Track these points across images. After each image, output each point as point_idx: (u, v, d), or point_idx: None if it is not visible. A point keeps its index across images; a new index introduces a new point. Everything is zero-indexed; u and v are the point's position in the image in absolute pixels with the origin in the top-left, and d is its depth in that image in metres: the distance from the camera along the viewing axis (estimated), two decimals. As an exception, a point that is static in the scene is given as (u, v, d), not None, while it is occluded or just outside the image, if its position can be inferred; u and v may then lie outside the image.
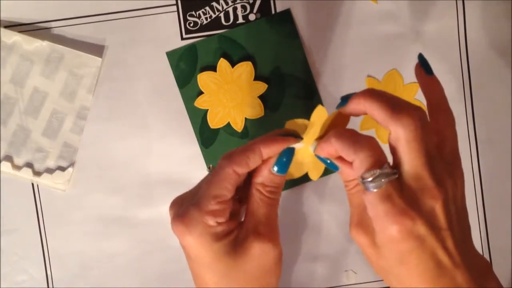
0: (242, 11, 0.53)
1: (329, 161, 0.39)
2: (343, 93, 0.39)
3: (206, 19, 0.53)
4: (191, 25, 0.54)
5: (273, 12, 0.53)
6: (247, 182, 0.41)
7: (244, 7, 0.53)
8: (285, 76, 0.54)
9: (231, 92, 0.53)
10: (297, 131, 0.40)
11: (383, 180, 0.34)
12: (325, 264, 0.55)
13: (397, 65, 0.54)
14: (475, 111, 0.55)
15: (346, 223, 0.54)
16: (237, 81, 0.53)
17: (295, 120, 0.40)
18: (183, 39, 0.54)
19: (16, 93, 0.53)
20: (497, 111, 0.55)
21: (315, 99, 0.54)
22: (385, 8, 0.54)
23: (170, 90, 0.54)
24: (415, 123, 0.35)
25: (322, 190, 0.54)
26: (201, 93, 0.53)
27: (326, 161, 0.39)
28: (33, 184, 0.53)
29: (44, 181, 0.53)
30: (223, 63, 0.53)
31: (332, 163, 0.39)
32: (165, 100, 0.54)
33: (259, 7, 0.53)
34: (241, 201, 0.42)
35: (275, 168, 0.40)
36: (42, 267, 0.54)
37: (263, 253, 0.39)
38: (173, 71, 0.53)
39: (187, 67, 0.53)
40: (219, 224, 0.38)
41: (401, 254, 0.35)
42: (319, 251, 0.55)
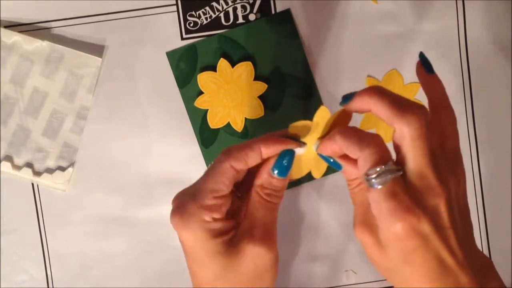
0: (242, 11, 0.53)
1: (332, 160, 0.39)
2: (343, 93, 0.39)
3: (206, 19, 0.53)
4: (191, 25, 0.54)
5: (273, 12, 0.53)
6: (250, 182, 0.41)
7: (244, 7, 0.53)
8: (285, 76, 0.54)
9: (231, 92, 0.53)
10: (299, 135, 0.40)
11: (387, 177, 0.34)
12: (325, 264, 0.55)
13: (397, 65, 0.54)
14: (475, 111, 0.55)
15: (346, 223, 0.55)
16: (237, 81, 0.53)
17: (298, 122, 0.39)
18: (183, 39, 0.54)
19: (16, 93, 0.53)
20: (497, 111, 0.55)
21: (315, 99, 0.54)
22: (385, 8, 0.54)
23: (170, 90, 0.54)
24: (420, 122, 0.34)
25: (322, 190, 0.54)
26: (201, 93, 0.53)
27: (329, 160, 0.39)
28: (33, 184, 0.53)
29: (44, 181, 0.53)
30: (223, 63, 0.53)
31: (335, 162, 0.39)
32: (165, 100, 0.54)
33: (259, 7, 0.53)
34: (243, 201, 0.42)
35: (275, 170, 0.39)
36: (42, 267, 0.54)
37: (256, 256, 0.38)
38: (173, 71, 0.53)
39: (187, 67, 0.53)
40: (215, 220, 0.38)
41: (405, 252, 0.35)
42: (319, 251, 0.55)
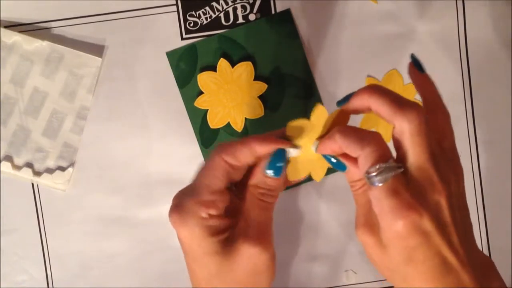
0: (242, 11, 0.53)
1: (335, 161, 0.38)
2: (343, 93, 0.39)
3: (206, 19, 0.53)
4: (191, 25, 0.54)
5: (273, 12, 0.53)
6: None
7: (244, 7, 0.53)
8: (285, 76, 0.54)
9: (231, 92, 0.53)
10: (296, 135, 0.39)
11: (388, 174, 0.34)
12: (325, 264, 0.55)
13: (397, 65, 0.54)
14: (475, 111, 0.55)
15: (346, 223, 0.55)
16: (237, 81, 0.53)
17: (296, 121, 0.39)
18: (183, 39, 0.54)
19: (16, 93, 0.53)
20: (497, 111, 0.55)
21: (315, 99, 0.54)
22: (385, 8, 0.54)
23: (170, 90, 0.54)
24: (419, 118, 0.35)
25: (322, 189, 0.54)
26: (201, 93, 0.53)
27: (332, 161, 0.38)
28: (33, 184, 0.53)
29: (44, 181, 0.53)
30: (223, 63, 0.53)
31: (339, 163, 0.38)
32: (165, 100, 0.54)
33: (259, 7, 0.53)
34: (242, 200, 0.41)
35: (268, 170, 0.39)
36: (42, 267, 0.54)
37: (252, 256, 0.38)
38: (173, 71, 0.53)
39: (187, 67, 0.53)
40: (211, 217, 0.38)
41: (407, 250, 0.34)
42: (319, 251, 0.55)
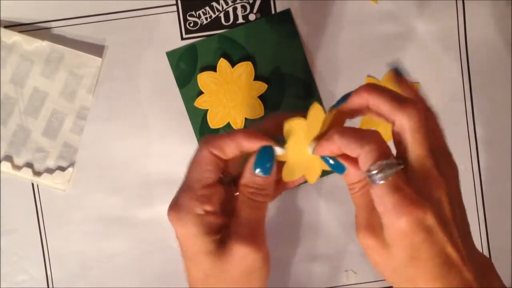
0: (242, 11, 0.53)
1: (333, 162, 0.38)
2: (343, 93, 0.39)
3: (206, 19, 0.53)
4: (191, 25, 0.54)
5: (273, 12, 0.53)
6: None
7: (244, 7, 0.53)
8: (285, 76, 0.54)
9: (231, 92, 0.53)
10: (289, 136, 0.39)
11: (390, 171, 0.34)
12: (325, 264, 0.55)
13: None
14: (475, 111, 0.55)
15: (346, 222, 0.55)
16: (237, 81, 0.53)
17: (293, 120, 0.38)
18: (183, 39, 0.54)
19: (16, 93, 0.53)
20: (497, 111, 0.55)
21: (315, 99, 0.54)
22: (385, 8, 0.54)
23: (170, 90, 0.54)
24: (419, 114, 0.35)
25: (322, 189, 0.54)
26: (201, 93, 0.53)
27: (331, 162, 0.38)
28: (33, 184, 0.53)
29: (44, 181, 0.53)
30: (223, 63, 0.53)
31: (337, 164, 0.38)
32: (165, 100, 0.54)
33: (259, 7, 0.53)
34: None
35: (256, 169, 0.38)
36: (42, 267, 0.54)
37: (244, 256, 0.37)
38: (173, 71, 0.53)
39: (187, 67, 0.53)
40: (207, 213, 0.37)
41: (411, 248, 0.34)
42: (319, 251, 0.55)
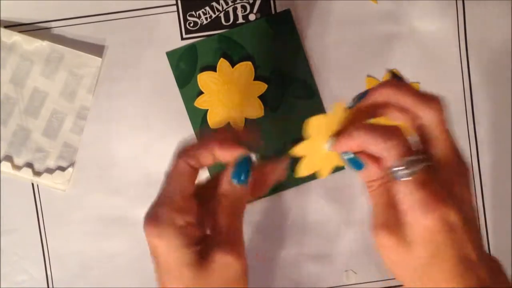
0: (242, 11, 0.53)
1: (352, 159, 0.36)
2: (343, 93, 0.39)
3: (206, 19, 0.53)
4: (191, 25, 0.54)
5: (273, 12, 0.53)
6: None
7: (244, 7, 0.53)
8: (285, 76, 0.54)
9: (231, 92, 0.53)
10: (310, 133, 0.37)
11: (416, 166, 0.33)
12: (325, 264, 0.55)
13: (397, 65, 0.54)
14: (475, 111, 0.55)
15: (346, 222, 0.55)
16: (237, 81, 0.53)
17: (315, 117, 0.37)
18: (183, 39, 0.54)
19: (16, 93, 0.53)
20: (497, 111, 0.55)
21: (315, 99, 0.54)
22: (385, 8, 0.54)
23: (170, 90, 0.54)
24: (443, 108, 0.34)
25: (322, 190, 0.54)
26: (201, 93, 0.53)
27: (349, 159, 0.36)
28: (33, 184, 0.53)
29: (44, 181, 0.53)
30: (223, 63, 0.53)
31: (356, 161, 0.36)
32: (165, 100, 0.54)
33: (259, 7, 0.53)
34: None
35: (234, 178, 0.37)
36: (42, 267, 0.54)
37: (224, 265, 0.36)
38: (173, 71, 0.53)
39: (187, 67, 0.53)
40: (188, 225, 0.37)
41: (433, 246, 0.33)
42: (319, 251, 0.55)
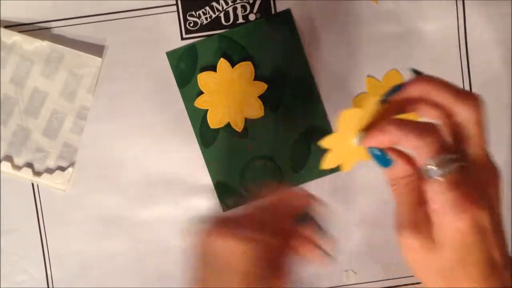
0: (242, 11, 0.53)
1: (380, 154, 0.35)
2: (343, 93, 0.39)
3: (206, 19, 0.53)
4: (191, 25, 0.54)
5: (273, 12, 0.53)
6: None
7: (244, 7, 0.53)
8: (285, 76, 0.54)
9: (231, 92, 0.53)
10: (342, 126, 0.36)
11: (451, 166, 0.31)
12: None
13: (397, 65, 0.54)
14: (475, 111, 0.55)
15: (346, 222, 0.55)
16: (237, 81, 0.53)
17: (348, 110, 0.35)
18: (183, 39, 0.54)
19: (16, 93, 0.53)
20: (497, 111, 0.55)
21: (315, 99, 0.54)
22: (385, 8, 0.54)
23: (170, 90, 0.54)
24: (481, 106, 0.33)
25: (323, 189, 0.54)
26: (201, 93, 0.53)
27: (377, 154, 0.35)
28: (33, 184, 0.53)
29: (44, 181, 0.53)
30: (223, 63, 0.53)
31: (384, 157, 0.35)
32: (165, 100, 0.54)
33: (259, 7, 0.53)
34: None
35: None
36: (42, 267, 0.54)
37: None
38: (173, 71, 0.53)
39: (187, 67, 0.53)
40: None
41: (462, 248, 0.32)
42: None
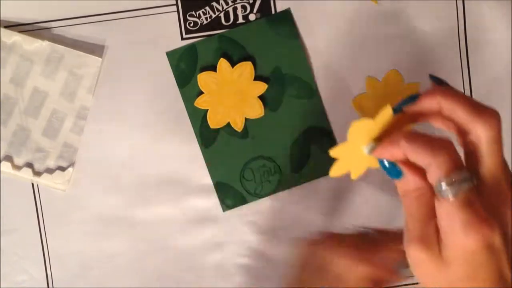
0: (242, 11, 0.53)
1: (390, 166, 0.34)
2: (343, 93, 0.39)
3: (206, 19, 0.53)
4: (191, 25, 0.54)
5: (273, 12, 0.53)
6: None
7: (244, 7, 0.53)
8: (285, 76, 0.54)
9: (231, 92, 0.53)
10: (353, 136, 0.35)
11: (463, 185, 0.31)
12: (325, 264, 0.55)
13: (397, 65, 0.54)
14: (475, 111, 0.55)
15: (346, 223, 0.55)
16: (237, 81, 0.53)
17: (361, 120, 0.34)
18: (183, 39, 0.54)
19: (16, 93, 0.53)
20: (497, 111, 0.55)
21: (315, 99, 0.54)
22: (385, 8, 0.54)
23: (170, 90, 0.54)
24: (498, 124, 0.32)
25: (322, 191, 0.54)
26: (201, 93, 0.53)
27: (387, 166, 0.34)
28: (33, 184, 0.53)
29: (44, 181, 0.53)
30: (223, 63, 0.53)
31: (395, 169, 0.34)
32: (165, 100, 0.54)
33: (259, 7, 0.53)
34: None
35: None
36: (42, 267, 0.54)
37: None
38: (173, 71, 0.53)
39: (187, 67, 0.53)
40: None
41: (472, 267, 0.31)
42: (319, 251, 0.55)
